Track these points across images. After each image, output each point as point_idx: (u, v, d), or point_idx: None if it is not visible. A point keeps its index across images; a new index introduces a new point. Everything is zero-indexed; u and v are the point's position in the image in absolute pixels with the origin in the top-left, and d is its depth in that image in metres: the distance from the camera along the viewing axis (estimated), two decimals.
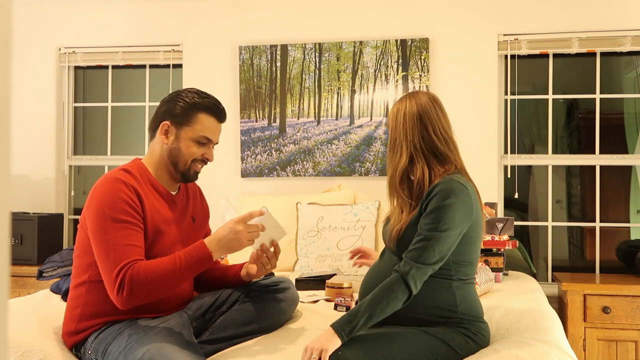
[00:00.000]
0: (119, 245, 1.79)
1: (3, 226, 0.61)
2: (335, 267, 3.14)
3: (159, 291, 1.81)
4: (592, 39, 3.55)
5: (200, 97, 2.00)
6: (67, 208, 4.12)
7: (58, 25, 4.07)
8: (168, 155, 2.00)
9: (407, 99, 1.95)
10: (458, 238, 1.82)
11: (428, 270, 1.77)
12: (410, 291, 1.74)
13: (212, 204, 3.87)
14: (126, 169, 1.95)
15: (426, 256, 1.76)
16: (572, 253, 4.49)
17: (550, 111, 3.72)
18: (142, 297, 1.79)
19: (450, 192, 1.79)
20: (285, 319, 2.18)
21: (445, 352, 1.78)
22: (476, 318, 1.88)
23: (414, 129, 1.90)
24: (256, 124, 3.84)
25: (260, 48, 3.84)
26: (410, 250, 1.79)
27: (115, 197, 1.83)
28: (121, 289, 1.76)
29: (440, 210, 1.78)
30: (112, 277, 1.77)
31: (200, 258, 1.82)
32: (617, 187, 4.13)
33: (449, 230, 1.77)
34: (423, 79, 3.67)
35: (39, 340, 1.91)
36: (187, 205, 2.10)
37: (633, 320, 3.08)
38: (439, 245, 1.77)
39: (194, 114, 1.98)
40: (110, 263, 1.78)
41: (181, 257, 1.81)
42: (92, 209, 1.85)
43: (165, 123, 1.98)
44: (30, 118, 4.04)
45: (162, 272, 1.78)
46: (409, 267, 1.75)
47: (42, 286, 3.22)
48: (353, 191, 3.57)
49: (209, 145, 2.04)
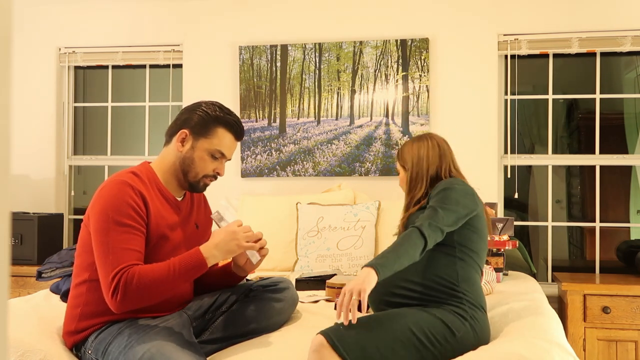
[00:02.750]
0: (118, 249, 1.79)
1: (3, 226, 0.61)
2: (335, 267, 3.14)
3: (152, 296, 1.81)
4: (592, 39, 3.55)
5: (223, 112, 2.03)
6: (67, 208, 4.12)
7: (58, 25, 4.07)
8: (180, 163, 2.01)
9: (427, 139, 2.19)
10: (464, 218, 1.96)
11: (437, 231, 1.87)
12: (426, 240, 1.84)
13: (212, 204, 3.86)
14: (135, 172, 1.96)
15: (437, 218, 1.89)
16: (572, 253, 4.49)
17: (550, 111, 3.72)
18: (135, 301, 1.80)
19: (453, 183, 2.01)
20: (284, 319, 2.18)
21: (442, 330, 1.83)
22: (475, 302, 1.93)
23: (434, 165, 2.13)
24: (256, 124, 3.84)
25: (260, 48, 3.84)
26: (420, 217, 1.91)
27: (121, 200, 1.84)
28: (115, 292, 1.77)
29: (445, 192, 1.97)
30: (108, 279, 1.78)
31: (194, 265, 1.83)
32: (617, 187, 4.13)
33: (455, 205, 1.93)
34: (423, 79, 3.67)
35: (39, 340, 1.91)
36: (191, 212, 2.11)
37: (633, 320, 3.08)
38: (447, 214, 1.91)
39: (214, 127, 2.00)
40: (108, 266, 1.79)
41: (175, 264, 1.82)
42: (96, 209, 1.85)
43: (184, 131, 2.00)
44: (30, 118, 4.04)
45: (156, 278, 1.79)
46: (422, 222, 1.88)
47: (42, 286, 3.22)
48: (353, 191, 3.57)
49: (221, 160, 2.06)
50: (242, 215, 3.54)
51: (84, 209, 2.07)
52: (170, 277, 1.80)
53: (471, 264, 1.98)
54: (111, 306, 1.80)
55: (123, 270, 1.77)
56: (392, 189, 3.58)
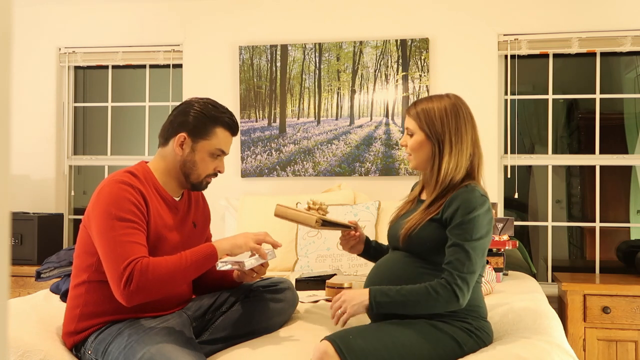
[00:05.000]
0: (126, 242, 1.80)
1: (3, 226, 0.61)
2: (335, 267, 3.14)
3: (165, 286, 1.82)
4: (592, 39, 3.55)
5: (218, 110, 2.03)
6: (67, 208, 4.12)
7: (58, 25, 4.07)
8: (181, 166, 2.01)
9: (456, 99, 1.96)
10: (489, 243, 1.87)
11: (473, 278, 1.80)
12: (459, 300, 1.77)
13: (212, 204, 3.87)
14: (132, 171, 1.96)
15: (469, 266, 1.78)
16: (572, 253, 4.50)
17: (550, 111, 3.72)
18: (148, 291, 1.79)
19: (473, 203, 1.81)
20: (284, 319, 2.18)
21: (450, 345, 1.80)
22: (480, 316, 1.90)
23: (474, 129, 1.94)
24: (256, 124, 3.84)
25: (260, 48, 3.84)
26: (451, 262, 1.80)
27: (122, 197, 1.85)
28: (128, 282, 1.76)
29: (469, 223, 1.80)
30: (119, 270, 1.77)
31: (205, 253, 1.86)
32: (617, 187, 4.13)
33: (481, 239, 1.81)
34: (423, 79, 3.67)
35: (39, 341, 1.91)
36: (188, 211, 2.11)
37: (633, 320, 3.08)
38: (477, 253, 1.80)
39: (212, 128, 2.00)
40: (118, 257, 1.78)
41: (187, 254, 1.85)
42: (98, 209, 1.85)
43: (182, 135, 1.99)
44: (30, 118, 4.04)
45: (170, 268, 1.80)
46: (453, 276, 1.77)
47: (42, 286, 3.22)
48: (353, 191, 3.57)
49: (221, 158, 2.07)
50: (242, 215, 3.54)
51: (83, 209, 2.07)
52: (184, 267, 1.82)
53: None
54: (122, 298, 1.78)
55: (135, 261, 1.77)
56: (392, 189, 3.58)
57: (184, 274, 1.83)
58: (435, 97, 1.96)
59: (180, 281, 1.86)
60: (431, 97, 1.97)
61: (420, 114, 1.92)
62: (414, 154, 1.95)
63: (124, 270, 1.76)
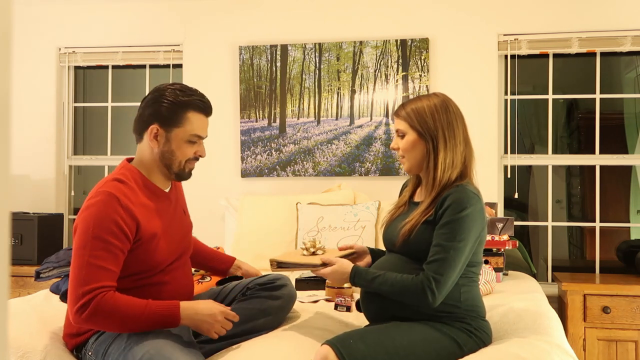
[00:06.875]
0: (94, 265, 1.76)
1: (3, 226, 0.61)
2: None
3: (115, 327, 1.80)
4: (592, 39, 3.55)
5: (186, 94, 1.96)
6: (67, 208, 4.12)
7: (58, 25, 4.07)
8: (160, 158, 1.96)
9: (444, 96, 1.94)
10: (474, 246, 1.83)
11: (448, 282, 1.78)
12: (430, 302, 1.77)
13: (212, 204, 3.90)
14: (119, 178, 1.91)
15: (447, 269, 1.76)
16: (572, 253, 4.50)
17: (550, 111, 3.72)
18: (98, 324, 1.79)
19: (465, 202, 1.79)
20: (283, 316, 2.18)
21: (450, 346, 1.79)
22: (479, 315, 1.90)
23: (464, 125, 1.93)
24: (256, 124, 3.84)
25: (260, 48, 3.84)
26: (431, 262, 1.79)
27: (106, 216, 1.80)
28: (82, 308, 1.74)
29: (456, 222, 1.78)
30: (78, 293, 1.75)
31: (166, 316, 1.80)
32: (617, 187, 4.13)
33: (465, 241, 1.78)
34: (423, 79, 3.67)
35: (40, 341, 1.91)
36: (177, 199, 2.11)
37: (633, 320, 3.08)
38: (458, 256, 1.78)
39: (183, 114, 1.94)
40: (81, 279, 1.75)
41: (151, 306, 1.79)
42: (80, 223, 1.83)
43: (154, 127, 1.94)
44: (30, 118, 4.04)
45: (128, 312, 1.76)
46: (430, 279, 1.77)
47: (42, 286, 3.22)
48: (353, 191, 3.57)
49: (199, 142, 2.01)
50: (242, 215, 3.54)
51: None
52: (141, 318, 1.77)
53: (472, 277, 1.90)
54: (72, 319, 1.78)
55: (98, 291, 1.74)
56: (392, 189, 3.57)
57: (138, 325, 1.78)
58: (422, 97, 1.94)
59: (132, 328, 1.79)
60: (418, 97, 1.96)
61: (410, 114, 1.90)
62: (407, 155, 1.92)
63: (83, 296, 1.74)
